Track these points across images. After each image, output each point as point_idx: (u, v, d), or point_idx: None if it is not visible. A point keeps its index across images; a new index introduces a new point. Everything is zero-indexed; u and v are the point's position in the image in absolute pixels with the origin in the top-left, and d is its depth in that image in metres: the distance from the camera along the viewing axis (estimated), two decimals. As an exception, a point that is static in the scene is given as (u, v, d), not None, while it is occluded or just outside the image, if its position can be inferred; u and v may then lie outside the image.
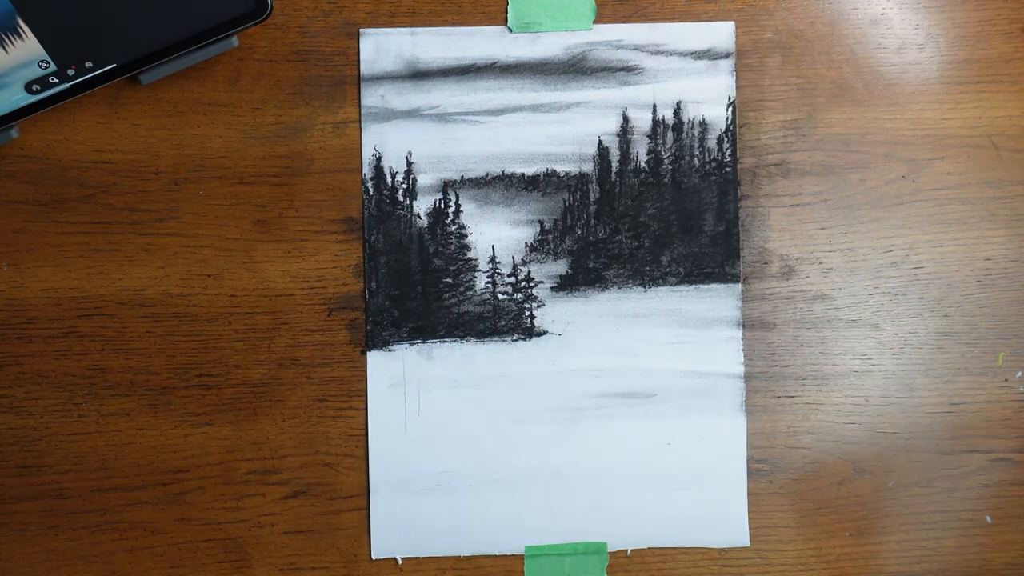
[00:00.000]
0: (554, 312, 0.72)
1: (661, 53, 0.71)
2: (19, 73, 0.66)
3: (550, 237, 0.72)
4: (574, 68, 0.71)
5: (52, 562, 0.71)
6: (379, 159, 0.71)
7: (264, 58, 0.70)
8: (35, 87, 0.66)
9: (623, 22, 0.71)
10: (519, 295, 0.72)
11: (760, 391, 0.72)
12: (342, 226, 0.71)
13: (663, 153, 0.72)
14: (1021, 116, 0.72)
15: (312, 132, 0.71)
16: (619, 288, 0.72)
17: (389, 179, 0.71)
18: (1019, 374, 0.73)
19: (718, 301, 0.72)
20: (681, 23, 0.71)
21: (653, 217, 0.72)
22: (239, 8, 0.66)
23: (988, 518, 0.73)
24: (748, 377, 0.72)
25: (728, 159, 0.72)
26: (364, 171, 0.71)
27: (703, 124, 0.72)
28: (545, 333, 0.72)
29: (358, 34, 0.71)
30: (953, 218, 0.72)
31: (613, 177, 0.72)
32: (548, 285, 0.72)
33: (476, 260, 0.72)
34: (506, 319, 0.72)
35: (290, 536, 0.72)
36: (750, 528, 0.72)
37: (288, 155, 0.71)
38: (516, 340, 0.72)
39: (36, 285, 0.70)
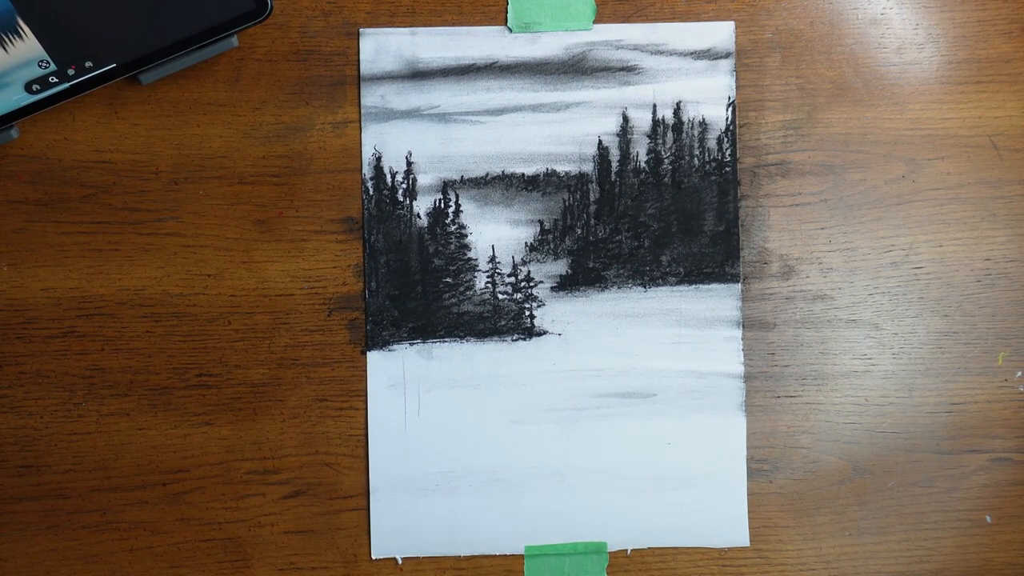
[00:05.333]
0: (554, 312, 0.72)
1: (661, 53, 0.71)
2: (19, 73, 0.66)
3: (550, 237, 0.72)
4: (574, 68, 0.71)
5: (52, 562, 0.71)
6: (379, 159, 0.71)
7: (264, 58, 0.70)
8: (35, 87, 0.66)
9: (623, 22, 0.71)
10: (519, 295, 0.72)
11: (760, 391, 0.72)
12: (342, 226, 0.71)
13: (663, 153, 0.72)
14: (1021, 116, 0.72)
15: (312, 132, 0.71)
16: (619, 288, 0.72)
17: (389, 179, 0.71)
18: (1019, 374, 0.73)
19: (718, 301, 0.72)
20: (681, 23, 0.71)
21: (653, 217, 0.72)
22: (239, 8, 0.66)
23: (988, 518, 0.73)
24: (748, 377, 0.72)
25: (728, 159, 0.72)
26: (364, 171, 0.71)
27: (703, 124, 0.72)
28: (545, 333, 0.72)
29: (358, 34, 0.71)
30: (953, 218, 0.72)
31: (613, 177, 0.72)
32: (548, 285, 0.72)
33: (476, 260, 0.72)
34: (506, 319, 0.72)
35: (290, 536, 0.72)
36: (750, 528, 0.72)
37: (288, 155, 0.71)
38: (516, 340, 0.72)
39: (36, 285, 0.70)
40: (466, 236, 0.72)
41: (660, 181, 0.72)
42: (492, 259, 0.72)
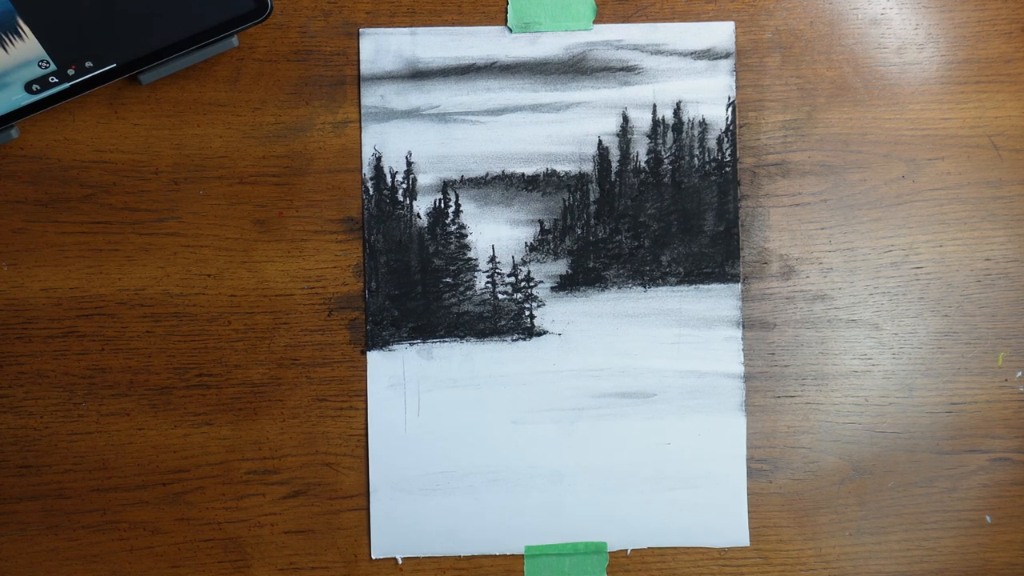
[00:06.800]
0: (554, 312, 0.72)
1: (661, 53, 0.71)
2: (19, 73, 0.66)
3: (550, 237, 0.72)
4: (574, 68, 0.71)
5: (52, 562, 0.71)
6: (379, 159, 0.71)
7: (264, 58, 0.70)
8: (35, 87, 0.66)
9: (623, 22, 0.71)
10: (519, 295, 0.72)
11: (760, 391, 0.72)
12: (342, 226, 0.71)
13: (663, 153, 0.72)
14: (1021, 116, 0.72)
15: (312, 132, 0.71)
16: (619, 288, 0.72)
17: (389, 179, 0.71)
18: (1019, 374, 0.73)
19: (718, 301, 0.72)
20: (681, 23, 0.71)
21: (653, 217, 0.72)
22: (239, 8, 0.66)
23: (988, 518, 0.73)
24: (748, 377, 0.72)
25: (728, 159, 0.72)
26: (364, 171, 0.71)
27: (703, 124, 0.72)
28: (545, 333, 0.72)
29: (358, 34, 0.71)
30: (953, 218, 0.72)
31: (613, 177, 0.72)
32: (548, 285, 0.72)
33: (476, 260, 0.72)
34: (506, 319, 0.72)
35: (290, 536, 0.72)
36: (750, 528, 0.72)
37: (288, 155, 0.71)
38: (516, 340, 0.72)
39: (36, 285, 0.70)
40: (466, 236, 0.72)
41: (660, 181, 0.72)
42: (492, 259, 0.72)
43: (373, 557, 0.72)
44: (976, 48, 0.72)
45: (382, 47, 0.71)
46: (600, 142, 0.72)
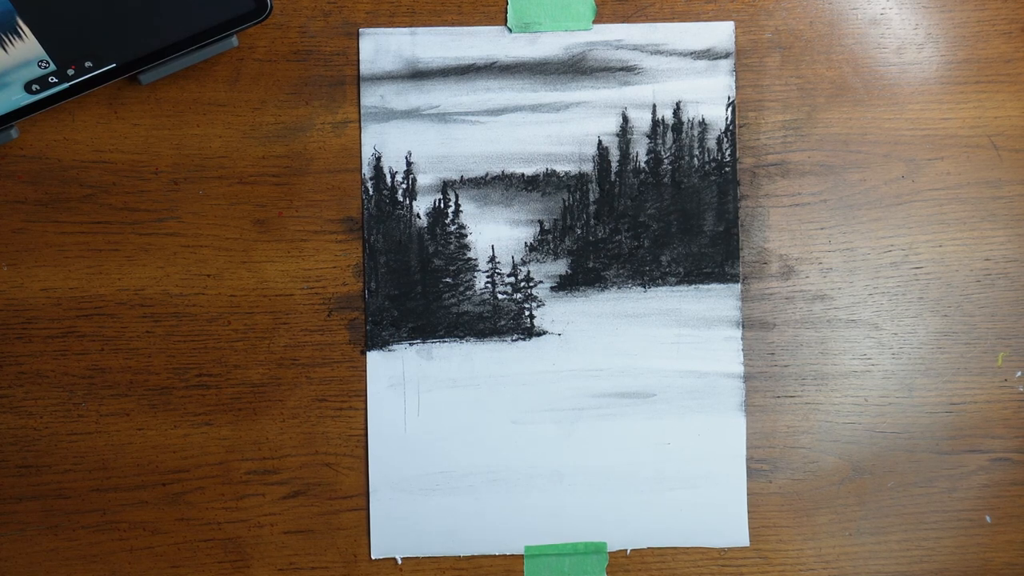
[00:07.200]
0: (554, 312, 0.72)
1: (661, 53, 0.71)
2: (19, 73, 0.66)
3: (550, 237, 0.72)
4: (574, 68, 0.71)
5: (52, 562, 0.71)
6: (379, 159, 0.71)
7: (264, 58, 0.70)
8: (35, 87, 0.66)
9: (623, 22, 0.71)
10: (519, 295, 0.72)
11: (760, 391, 0.72)
12: (342, 226, 0.71)
13: (663, 153, 0.72)
14: (1021, 116, 0.72)
15: (312, 132, 0.71)
16: (619, 288, 0.72)
17: (389, 179, 0.71)
18: (1019, 374, 0.73)
19: (717, 301, 0.72)
20: (681, 23, 0.72)
21: (653, 217, 0.72)
22: (239, 8, 0.66)
23: (988, 518, 0.73)
24: (748, 377, 0.72)
25: (728, 159, 0.72)
26: (364, 171, 0.71)
27: (703, 124, 0.72)
28: (545, 333, 0.72)
29: (358, 34, 0.71)
30: (953, 218, 0.72)
31: (613, 177, 0.72)
32: (548, 285, 0.72)
33: (476, 260, 0.72)
34: (506, 319, 0.72)
35: (290, 536, 0.72)
36: (750, 528, 0.72)
37: (288, 155, 0.71)
38: (516, 340, 0.72)
39: (36, 285, 0.70)
40: (466, 236, 0.72)
41: (660, 181, 0.72)
42: (492, 259, 0.72)
43: (373, 557, 0.72)
44: (976, 48, 0.72)
45: (382, 47, 0.71)
46: (600, 142, 0.72)
